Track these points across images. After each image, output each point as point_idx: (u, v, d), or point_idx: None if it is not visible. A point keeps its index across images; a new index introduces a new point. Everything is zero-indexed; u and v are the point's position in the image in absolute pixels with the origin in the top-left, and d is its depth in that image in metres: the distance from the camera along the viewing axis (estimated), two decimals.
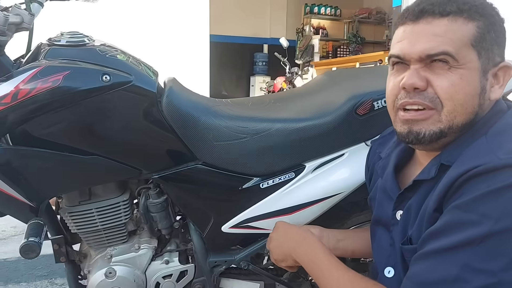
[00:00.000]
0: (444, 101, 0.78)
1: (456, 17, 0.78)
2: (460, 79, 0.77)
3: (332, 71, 1.54)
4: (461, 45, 0.77)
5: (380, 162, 1.03)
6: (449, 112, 0.78)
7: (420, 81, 0.78)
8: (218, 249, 1.30)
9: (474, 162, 0.72)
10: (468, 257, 0.68)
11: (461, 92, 0.77)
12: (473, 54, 0.78)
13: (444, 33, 0.77)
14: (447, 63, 0.77)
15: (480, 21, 0.79)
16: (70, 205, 1.20)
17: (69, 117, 1.05)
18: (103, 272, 1.23)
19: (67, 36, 1.09)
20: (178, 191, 1.22)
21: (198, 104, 1.20)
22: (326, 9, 8.40)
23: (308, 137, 1.18)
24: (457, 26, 0.78)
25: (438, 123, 0.79)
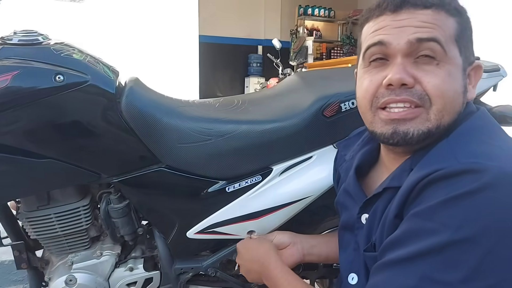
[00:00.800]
0: (434, 99, 0.72)
1: (439, 9, 0.74)
2: (449, 76, 0.73)
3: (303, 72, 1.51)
4: (448, 37, 0.73)
5: (344, 165, 1.00)
6: (439, 110, 0.73)
7: (409, 77, 0.72)
8: (184, 255, 1.26)
9: (433, 166, 0.68)
10: (426, 268, 0.65)
11: (451, 90, 0.73)
12: (457, 50, 0.74)
13: (433, 21, 0.73)
14: (434, 58, 0.72)
15: (458, 17, 0.76)
16: (28, 210, 1.16)
17: (21, 119, 1.00)
18: (63, 280, 1.19)
19: (20, 34, 1.04)
20: (140, 195, 1.18)
21: (160, 105, 1.15)
22: (320, 11, 8.38)
23: (275, 139, 1.14)
24: (442, 18, 0.74)
25: (426, 122, 0.73)
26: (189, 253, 1.26)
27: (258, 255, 1.06)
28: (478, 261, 0.62)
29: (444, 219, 0.64)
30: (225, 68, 7.92)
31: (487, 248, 0.62)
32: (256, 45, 8.28)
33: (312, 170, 1.18)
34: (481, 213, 0.63)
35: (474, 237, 0.62)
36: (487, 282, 0.62)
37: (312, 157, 1.18)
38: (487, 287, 0.62)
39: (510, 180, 0.63)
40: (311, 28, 8.45)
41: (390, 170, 0.83)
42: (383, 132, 0.76)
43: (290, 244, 1.12)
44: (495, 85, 1.23)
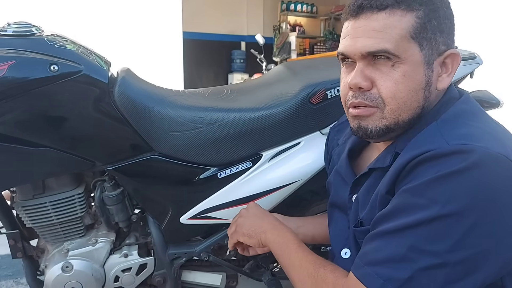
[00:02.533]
0: (387, 100, 0.79)
1: (394, 9, 0.77)
2: (403, 76, 0.77)
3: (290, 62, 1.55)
4: (399, 39, 0.77)
5: (337, 149, 1.05)
6: (393, 110, 0.79)
7: (364, 81, 0.79)
8: (177, 241, 1.29)
9: (424, 147, 0.74)
10: (415, 239, 0.70)
11: (404, 90, 0.78)
12: (414, 47, 0.77)
13: (383, 28, 0.77)
14: (390, 59, 0.77)
15: (420, 10, 0.78)
16: (24, 198, 1.18)
17: (17, 108, 1.03)
18: (60, 267, 1.21)
19: (14, 26, 1.06)
20: (134, 183, 1.21)
21: (152, 94, 1.19)
22: (303, 6, 8.44)
23: (264, 126, 1.19)
24: (395, 19, 0.77)
25: (382, 120, 0.80)
26: (182, 239, 1.29)
27: (269, 216, 1.07)
28: (463, 233, 0.68)
29: (433, 195, 0.70)
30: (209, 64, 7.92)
31: (472, 222, 0.68)
32: (239, 41, 8.30)
33: (300, 155, 1.22)
34: (467, 190, 0.68)
35: (460, 212, 0.68)
36: (470, 252, 0.69)
37: (300, 143, 1.22)
38: (471, 256, 0.69)
39: (494, 160, 0.70)
40: (294, 24, 8.50)
41: (378, 150, 0.90)
42: (352, 126, 0.86)
43: None
44: (472, 72, 1.29)
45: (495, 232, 0.69)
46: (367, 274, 0.74)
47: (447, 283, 0.69)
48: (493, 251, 0.70)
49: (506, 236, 0.70)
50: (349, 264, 0.86)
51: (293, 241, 0.95)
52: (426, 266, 0.69)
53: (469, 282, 0.69)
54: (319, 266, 0.85)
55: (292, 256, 0.92)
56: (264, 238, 1.01)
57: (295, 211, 1.35)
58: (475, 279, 0.69)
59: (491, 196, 0.69)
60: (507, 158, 0.70)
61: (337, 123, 1.13)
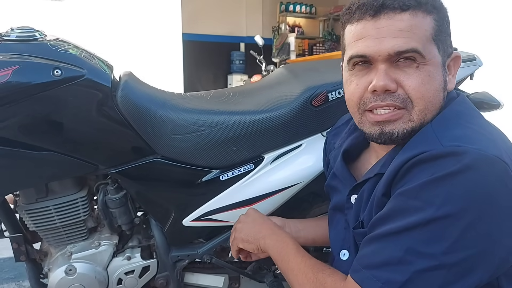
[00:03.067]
0: (416, 101, 0.78)
1: (416, 11, 0.77)
2: (429, 77, 0.78)
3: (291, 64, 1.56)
4: (425, 40, 0.77)
5: (333, 152, 1.06)
6: (421, 110, 0.79)
7: (392, 83, 0.78)
8: (180, 243, 1.30)
9: (418, 149, 0.74)
10: (411, 241, 0.71)
11: (431, 90, 0.78)
12: (435, 49, 0.79)
13: (410, 28, 0.77)
14: (415, 60, 0.77)
15: (435, 13, 0.79)
16: (27, 202, 1.19)
17: (20, 112, 1.04)
18: (63, 270, 1.22)
19: (18, 31, 1.07)
20: (136, 185, 1.22)
21: (155, 98, 1.19)
22: (301, 7, 8.44)
23: (266, 129, 1.20)
24: (418, 20, 0.77)
25: (410, 122, 0.79)
26: (185, 241, 1.30)
27: (269, 222, 1.08)
28: (459, 235, 0.69)
29: (428, 197, 0.71)
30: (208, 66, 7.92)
31: (467, 224, 0.69)
32: (239, 42, 8.30)
33: (302, 157, 1.23)
34: (462, 192, 0.69)
35: (455, 214, 0.69)
36: (467, 253, 0.69)
37: (301, 145, 1.23)
38: (467, 258, 0.70)
39: (488, 162, 0.70)
40: (293, 25, 8.50)
41: (379, 155, 0.90)
42: (371, 132, 0.83)
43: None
44: (472, 74, 1.30)
45: (490, 233, 0.70)
46: (366, 277, 0.74)
47: (444, 284, 0.70)
48: (489, 252, 0.70)
49: (501, 237, 0.71)
50: (348, 266, 0.87)
51: (292, 246, 0.96)
52: (423, 268, 0.70)
53: (466, 283, 0.70)
54: (317, 271, 0.86)
55: (291, 261, 0.92)
56: (263, 244, 1.02)
57: (297, 213, 1.36)
58: (471, 280, 0.70)
59: (486, 198, 0.70)
60: (501, 159, 0.71)
61: (333, 127, 1.13)
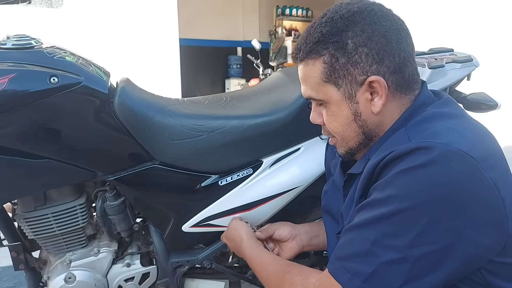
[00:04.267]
0: (334, 134, 0.90)
1: (306, 60, 0.85)
2: (333, 116, 0.86)
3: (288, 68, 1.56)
4: (316, 86, 0.85)
5: (334, 161, 1.08)
6: (341, 141, 0.90)
7: (318, 118, 0.91)
8: (180, 249, 1.29)
9: (390, 150, 0.77)
10: (377, 233, 0.73)
11: (338, 126, 0.87)
12: (331, 88, 0.84)
13: (305, 78, 0.87)
14: (321, 103, 0.87)
15: (326, 54, 0.82)
16: (26, 210, 1.18)
17: (17, 120, 1.03)
18: (63, 278, 1.21)
19: (14, 39, 1.07)
20: (135, 192, 1.21)
21: (152, 104, 1.19)
22: (298, 11, 8.46)
23: (264, 133, 1.19)
24: (309, 69, 0.85)
25: (341, 147, 0.91)
26: (184, 247, 1.29)
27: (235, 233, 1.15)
28: (423, 228, 0.70)
29: (393, 191, 0.73)
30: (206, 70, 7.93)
31: (431, 217, 0.70)
32: (236, 46, 8.32)
33: (300, 161, 1.23)
34: (425, 185, 0.71)
35: (418, 206, 0.71)
36: (430, 248, 0.71)
37: (300, 148, 1.23)
38: (431, 252, 0.71)
39: (453, 156, 0.71)
40: (290, 28, 8.52)
41: None
42: None
43: (290, 238, 1.17)
44: (469, 75, 1.30)
45: (454, 228, 0.70)
46: (337, 268, 0.77)
47: (411, 279, 0.71)
48: (455, 247, 0.71)
49: (468, 231, 0.71)
50: None
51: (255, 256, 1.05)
52: (388, 260, 0.71)
53: (433, 279, 0.71)
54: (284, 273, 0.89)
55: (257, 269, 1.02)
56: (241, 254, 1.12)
57: (297, 216, 1.35)
58: (438, 276, 0.71)
59: (449, 192, 0.70)
60: (468, 154, 0.71)
61: None
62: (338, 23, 0.81)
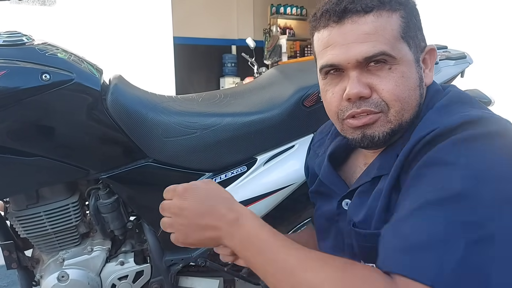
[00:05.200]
0: (391, 103, 0.76)
1: (380, 11, 0.75)
2: (402, 77, 0.76)
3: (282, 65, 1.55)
4: (393, 40, 0.75)
5: (317, 160, 0.99)
6: (397, 112, 0.76)
7: (365, 89, 0.75)
8: (174, 247, 1.27)
9: (429, 128, 0.70)
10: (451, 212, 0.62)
11: (405, 90, 0.76)
12: (405, 47, 0.76)
13: (375, 31, 0.74)
14: (386, 62, 0.75)
15: (401, 10, 0.77)
16: (18, 209, 1.17)
17: (8, 118, 1.02)
18: (56, 276, 1.20)
19: (5, 35, 1.06)
20: (128, 190, 1.21)
21: (145, 101, 1.18)
22: (292, 9, 8.46)
23: (258, 130, 1.19)
24: (384, 20, 0.75)
25: (388, 123, 0.77)
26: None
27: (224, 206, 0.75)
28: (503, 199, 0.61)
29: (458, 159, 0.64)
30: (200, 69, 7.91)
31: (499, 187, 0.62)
32: (230, 45, 8.30)
33: (295, 158, 1.22)
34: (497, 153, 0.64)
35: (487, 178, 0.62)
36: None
37: (294, 146, 1.23)
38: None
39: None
40: (284, 27, 8.52)
41: (368, 157, 0.86)
42: (354, 137, 0.80)
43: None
44: (463, 72, 1.31)
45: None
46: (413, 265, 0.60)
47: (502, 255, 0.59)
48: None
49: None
50: None
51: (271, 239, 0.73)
52: (474, 239, 0.59)
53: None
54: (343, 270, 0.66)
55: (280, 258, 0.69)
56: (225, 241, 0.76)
57: (291, 214, 1.35)
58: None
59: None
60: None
61: (316, 139, 1.06)
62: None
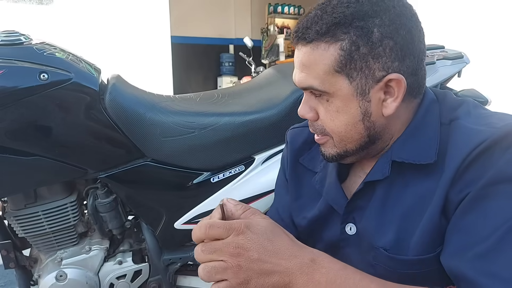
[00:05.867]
0: (331, 134, 0.75)
1: (318, 43, 0.70)
2: (337, 112, 0.73)
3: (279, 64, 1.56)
4: (323, 75, 0.70)
5: (317, 176, 0.89)
6: (338, 141, 0.75)
7: (309, 113, 0.76)
8: (172, 246, 1.29)
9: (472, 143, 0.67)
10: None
11: (341, 125, 0.73)
12: (342, 80, 0.70)
13: (309, 64, 0.71)
14: (321, 95, 0.73)
15: (345, 40, 0.69)
16: (16, 208, 1.17)
17: (7, 117, 1.02)
18: (54, 276, 1.21)
19: (2, 35, 1.06)
20: (127, 189, 1.21)
21: (143, 100, 1.19)
22: (290, 8, 8.46)
23: (256, 130, 1.19)
24: (318, 53, 0.70)
25: (334, 147, 0.77)
26: (177, 244, 1.29)
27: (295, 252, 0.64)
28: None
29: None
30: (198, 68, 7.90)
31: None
32: (228, 44, 8.29)
33: None
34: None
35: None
36: None
37: None
38: None
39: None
40: (282, 26, 8.51)
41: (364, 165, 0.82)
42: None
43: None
44: (460, 72, 1.31)
45: None
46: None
47: None
48: None
49: None
50: None
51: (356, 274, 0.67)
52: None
53: None
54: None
55: None
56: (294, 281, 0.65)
57: None
58: None
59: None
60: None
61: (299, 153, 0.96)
62: (364, 6, 0.69)
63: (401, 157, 0.73)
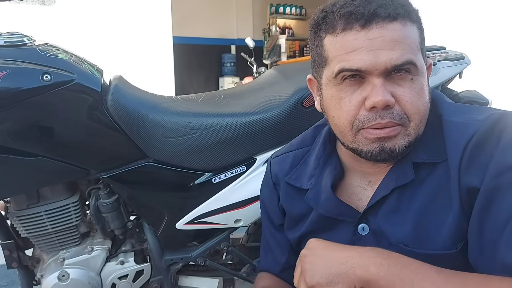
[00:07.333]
0: (412, 116, 0.73)
1: (405, 20, 0.71)
2: (422, 89, 0.73)
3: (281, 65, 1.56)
4: (416, 50, 0.72)
5: (310, 194, 0.88)
6: (416, 125, 0.74)
7: (390, 97, 0.71)
8: (173, 246, 1.29)
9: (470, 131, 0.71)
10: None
11: (424, 103, 0.74)
12: (422, 58, 0.74)
13: (403, 39, 0.70)
14: (409, 72, 0.72)
15: (418, 22, 0.75)
16: (18, 208, 1.18)
17: (10, 118, 1.03)
18: (56, 276, 1.21)
19: (6, 36, 1.07)
20: (129, 190, 1.21)
21: (145, 101, 1.19)
22: (291, 9, 8.46)
23: (257, 131, 1.20)
24: (408, 30, 0.72)
25: (407, 137, 0.74)
26: (178, 244, 1.30)
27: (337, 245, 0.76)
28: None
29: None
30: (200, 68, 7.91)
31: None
32: (229, 44, 8.31)
33: None
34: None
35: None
36: None
37: None
38: None
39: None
40: (283, 27, 8.52)
41: (369, 174, 0.83)
42: (370, 150, 0.75)
43: None
44: (461, 73, 1.31)
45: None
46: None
47: None
48: None
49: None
50: None
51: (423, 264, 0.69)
52: None
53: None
54: None
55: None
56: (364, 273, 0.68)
57: None
58: None
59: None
60: None
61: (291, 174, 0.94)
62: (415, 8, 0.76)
63: (422, 158, 0.76)
